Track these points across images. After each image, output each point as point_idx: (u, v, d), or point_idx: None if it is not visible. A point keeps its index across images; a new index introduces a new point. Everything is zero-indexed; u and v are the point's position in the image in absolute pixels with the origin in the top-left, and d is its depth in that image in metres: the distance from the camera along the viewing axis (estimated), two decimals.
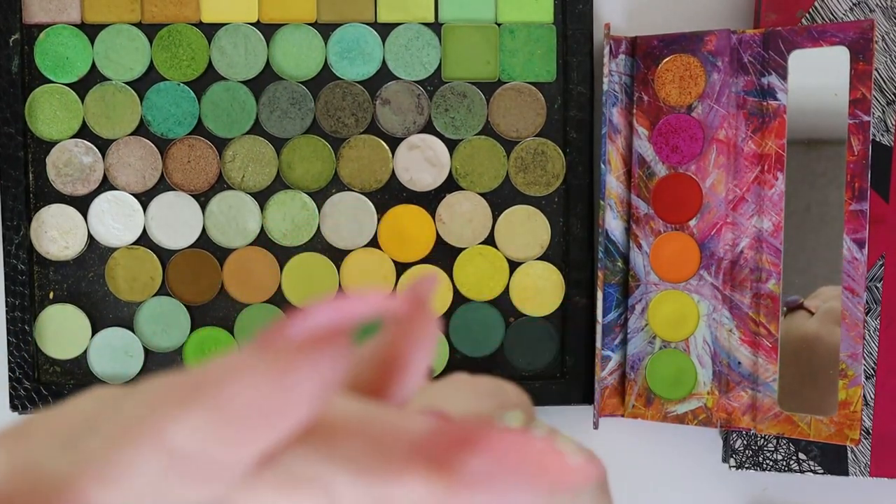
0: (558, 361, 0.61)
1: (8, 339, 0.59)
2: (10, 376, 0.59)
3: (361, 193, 0.60)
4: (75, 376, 0.60)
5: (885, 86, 0.57)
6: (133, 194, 0.60)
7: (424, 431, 0.18)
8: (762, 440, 0.59)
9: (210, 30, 0.60)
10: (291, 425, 0.17)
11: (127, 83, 0.60)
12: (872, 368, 0.58)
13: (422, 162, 0.60)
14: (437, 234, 0.60)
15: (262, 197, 0.60)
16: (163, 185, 0.60)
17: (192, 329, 0.60)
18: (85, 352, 0.60)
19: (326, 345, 0.17)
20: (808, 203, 0.56)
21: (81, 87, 0.59)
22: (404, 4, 0.60)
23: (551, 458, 0.18)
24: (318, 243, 0.60)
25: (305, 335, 0.17)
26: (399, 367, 0.19)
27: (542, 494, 0.18)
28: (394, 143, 0.60)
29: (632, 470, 0.63)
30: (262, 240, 0.60)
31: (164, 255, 0.60)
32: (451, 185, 0.60)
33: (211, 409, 0.17)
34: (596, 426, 0.59)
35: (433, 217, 0.60)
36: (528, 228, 0.60)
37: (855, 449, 0.58)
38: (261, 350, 0.17)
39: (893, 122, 0.57)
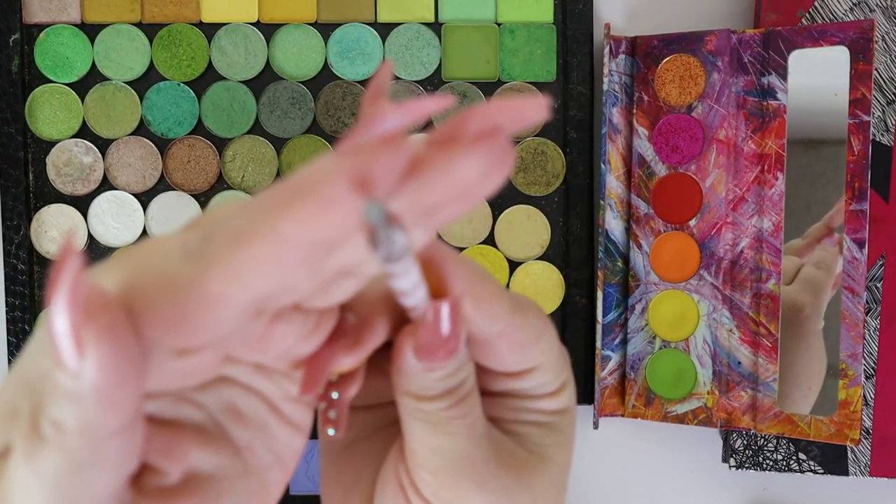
0: None
1: (8, 339, 0.59)
2: None
3: None
4: None
5: (885, 86, 0.57)
6: (133, 194, 0.60)
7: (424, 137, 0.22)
8: (762, 440, 0.59)
9: (210, 30, 0.60)
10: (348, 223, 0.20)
11: (127, 83, 0.60)
12: (872, 368, 0.58)
13: None
14: (437, 234, 0.60)
15: None
16: (163, 185, 0.60)
17: None
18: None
19: (394, 143, 0.20)
20: (808, 203, 0.56)
21: (81, 87, 0.59)
22: (404, 4, 0.60)
23: (516, 105, 0.21)
24: None
25: (378, 136, 0.20)
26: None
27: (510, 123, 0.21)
28: None
29: (632, 470, 0.63)
30: None
31: None
32: None
33: (313, 202, 0.20)
34: (596, 426, 0.59)
35: None
36: (528, 228, 0.60)
37: (855, 449, 0.58)
38: (343, 152, 0.20)
39: (893, 122, 0.57)
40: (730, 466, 0.59)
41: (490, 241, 0.60)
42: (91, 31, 0.59)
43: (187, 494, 0.24)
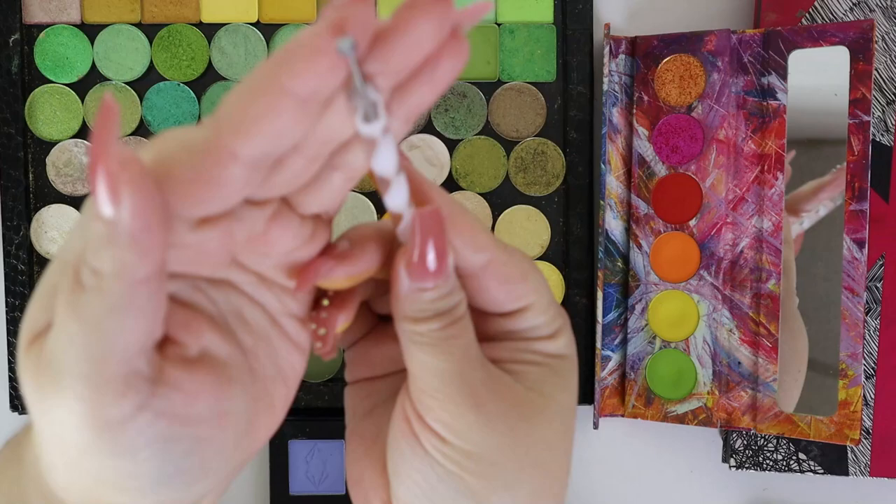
0: None
1: (8, 340, 0.59)
2: (10, 376, 0.59)
3: (361, 193, 0.60)
4: None
5: (885, 86, 0.57)
6: None
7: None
8: (762, 440, 0.59)
9: (210, 30, 0.60)
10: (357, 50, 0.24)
11: (127, 83, 0.60)
12: (872, 368, 0.58)
13: (422, 162, 0.60)
14: None
15: None
16: None
17: None
18: None
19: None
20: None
21: (81, 87, 0.59)
22: None
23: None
24: None
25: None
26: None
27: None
28: None
29: (632, 470, 0.63)
30: None
31: None
32: (451, 185, 0.60)
33: (308, 54, 0.23)
34: (596, 426, 0.59)
35: None
36: (528, 228, 0.60)
37: (855, 449, 0.58)
38: (327, 13, 0.24)
39: (893, 122, 0.57)
40: (730, 466, 0.59)
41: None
42: (91, 31, 0.59)
43: (204, 368, 0.27)
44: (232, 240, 0.27)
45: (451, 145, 0.60)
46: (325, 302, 0.31)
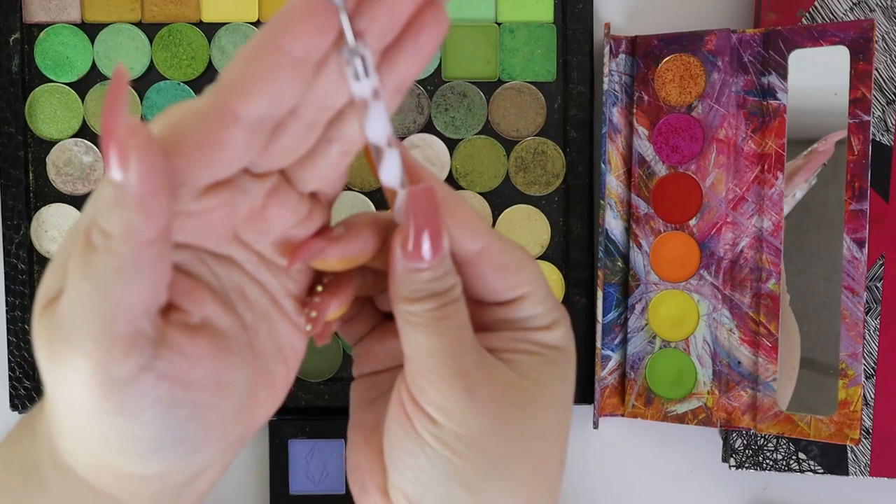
0: None
1: (8, 339, 0.59)
2: (10, 376, 0.59)
3: (361, 193, 0.60)
4: None
5: (885, 86, 0.57)
6: None
7: None
8: (762, 440, 0.59)
9: (210, 29, 0.60)
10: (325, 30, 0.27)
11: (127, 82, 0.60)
12: (872, 368, 0.58)
13: (422, 161, 0.60)
14: None
15: None
16: None
17: None
18: None
19: None
20: (808, 203, 0.56)
21: (82, 87, 0.59)
22: None
23: None
24: None
25: None
26: None
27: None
28: None
29: (632, 470, 0.63)
30: None
31: None
32: (451, 184, 0.60)
33: (299, 15, 0.26)
34: (596, 426, 0.59)
35: None
36: (528, 228, 0.60)
37: (855, 449, 0.58)
38: None
39: (893, 122, 0.57)
40: (730, 466, 0.59)
41: None
42: (91, 30, 0.59)
43: (205, 336, 0.29)
44: (234, 213, 0.29)
45: (452, 145, 0.60)
46: (319, 288, 0.32)
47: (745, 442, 0.59)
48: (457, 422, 0.30)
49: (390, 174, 0.30)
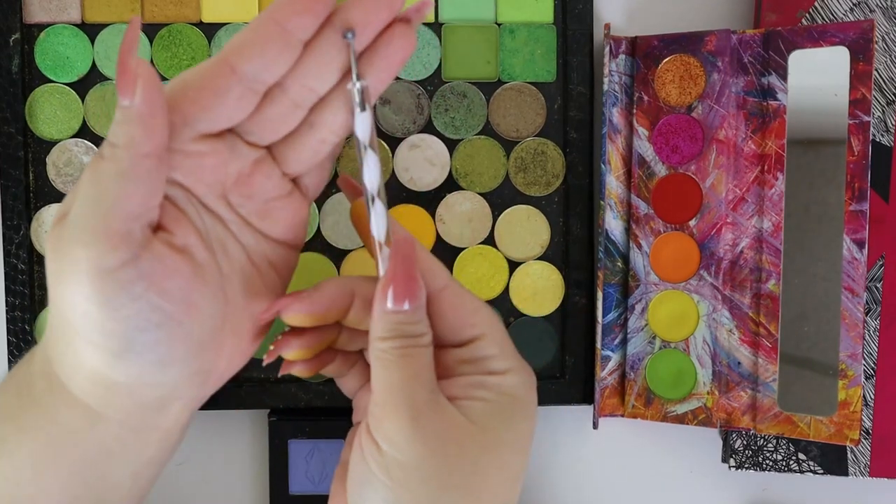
0: (558, 361, 0.61)
1: (8, 339, 0.59)
2: None
3: None
4: None
5: (885, 86, 0.57)
6: None
7: None
8: (762, 440, 0.59)
9: (210, 30, 0.60)
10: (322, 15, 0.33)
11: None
12: (872, 368, 0.58)
13: (422, 162, 0.60)
14: (437, 234, 0.60)
15: None
16: None
17: None
18: None
19: None
20: (807, 203, 0.56)
21: (82, 87, 0.60)
22: (403, 4, 0.59)
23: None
24: (317, 243, 0.60)
25: None
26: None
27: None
28: (394, 142, 0.60)
29: (632, 470, 0.63)
30: None
31: None
32: (451, 184, 0.60)
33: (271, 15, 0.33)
34: (596, 426, 0.59)
35: (433, 217, 0.60)
36: (528, 228, 0.60)
37: (855, 449, 0.58)
38: None
39: (893, 123, 0.57)
40: (729, 467, 0.59)
41: (490, 241, 0.60)
42: (91, 30, 0.59)
43: (184, 256, 0.34)
44: (224, 168, 0.34)
45: (451, 145, 0.60)
46: (287, 327, 0.37)
47: (744, 442, 0.59)
48: (399, 450, 0.33)
49: (380, 227, 0.36)
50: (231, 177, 0.34)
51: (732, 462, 0.59)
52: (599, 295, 0.58)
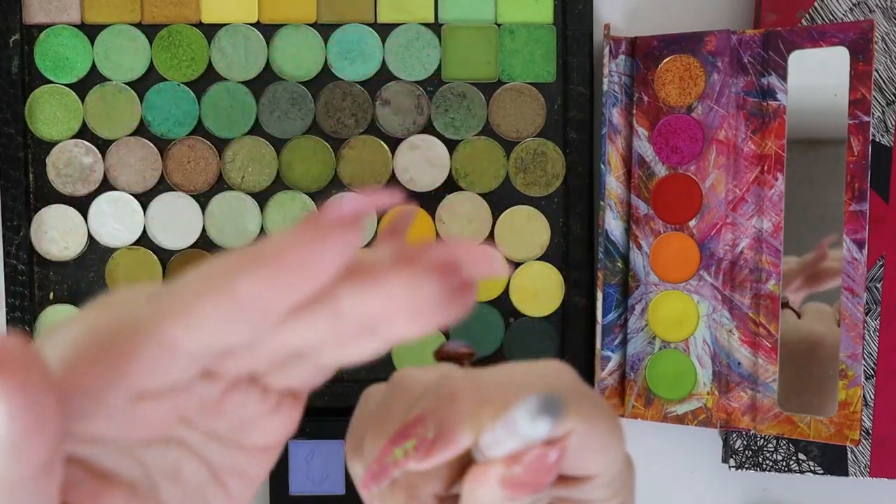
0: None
1: None
2: None
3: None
4: None
5: (884, 86, 0.57)
6: (133, 195, 0.60)
7: (391, 251, 0.25)
8: (762, 440, 0.59)
9: (210, 30, 0.60)
10: (323, 279, 0.23)
11: (127, 83, 0.60)
12: (872, 369, 0.58)
13: (422, 162, 0.60)
14: (437, 235, 0.60)
15: (262, 197, 0.60)
16: (163, 186, 0.60)
17: None
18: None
19: (349, 224, 0.23)
20: (807, 203, 0.56)
21: (81, 88, 0.59)
22: (404, 5, 0.60)
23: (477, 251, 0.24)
24: None
25: (335, 217, 0.23)
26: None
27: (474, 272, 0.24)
28: (394, 143, 0.60)
29: None
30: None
31: (164, 255, 0.60)
32: (451, 185, 0.60)
33: (270, 267, 0.22)
34: None
35: (433, 217, 0.60)
36: (527, 229, 0.60)
37: (855, 449, 0.58)
38: (304, 228, 0.22)
39: (893, 123, 0.57)
40: (730, 467, 0.59)
41: (490, 241, 0.60)
42: (91, 31, 0.59)
43: None
44: (178, 410, 0.25)
45: (451, 146, 0.60)
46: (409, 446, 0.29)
47: (744, 443, 0.59)
48: None
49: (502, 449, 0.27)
50: (190, 408, 0.25)
51: (732, 462, 0.59)
52: (599, 295, 0.58)
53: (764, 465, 0.59)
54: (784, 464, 0.59)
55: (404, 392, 0.31)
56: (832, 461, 0.58)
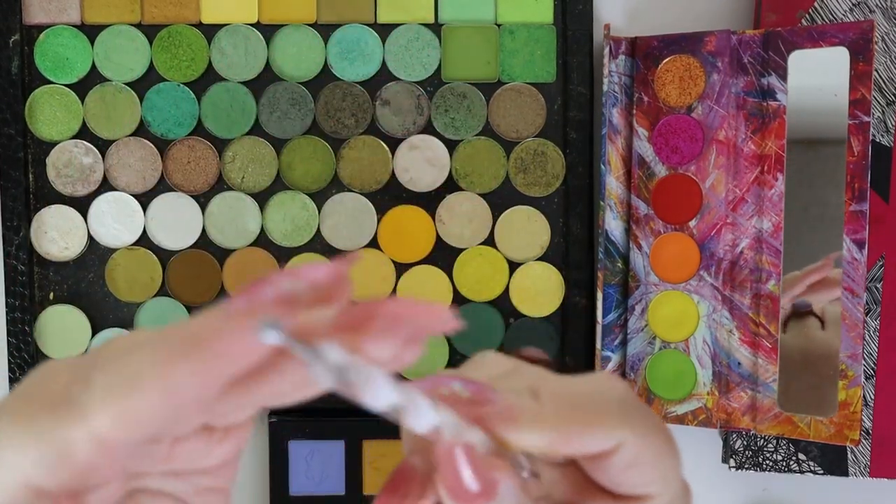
0: (558, 362, 0.61)
1: (8, 340, 0.59)
2: (10, 377, 0.60)
3: (361, 194, 0.60)
4: None
5: (884, 86, 0.57)
6: (133, 195, 0.60)
7: (338, 313, 0.23)
8: (762, 441, 0.59)
9: (210, 30, 0.60)
10: (255, 360, 0.22)
11: (127, 84, 0.60)
12: (872, 369, 0.58)
13: (422, 162, 0.60)
14: (437, 235, 0.60)
15: (262, 198, 0.60)
16: (163, 186, 0.60)
17: None
18: (85, 352, 0.60)
19: (279, 306, 0.22)
20: (807, 203, 0.56)
21: (81, 88, 0.59)
22: (404, 5, 0.60)
23: (424, 311, 0.23)
24: (318, 244, 0.60)
25: (261, 300, 0.22)
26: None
27: (419, 335, 0.23)
28: (394, 143, 0.60)
29: None
30: (263, 240, 0.60)
31: (164, 255, 0.60)
32: (451, 185, 0.60)
33: (199, 356, 0.21)
34: None
35: (433, 217, 0.60)
36: (527, 229, 0.60)
37: (855, 449, 0.58)
38: (229, 310, 0.22)
39: (893, 123, 0.57)
40: (730, 467, 0.59)
41: (490, 241, 0.60)
42: (91, 31, 0.59)
43: None
44: (124, 481, 0.25)
45: (451, 146, 0.60)
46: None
47: (744, 443, 0.59)
48: None
49: (422, 422, 0.25)
50: (144, 466, 0.26)
51: (732, 462, 0.59)
52: (599, 295, 0.58)
53: (764, 465, 0.59)
54: (784, 464, 0.59)
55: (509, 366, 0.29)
56: (832, 461, 0.58)
